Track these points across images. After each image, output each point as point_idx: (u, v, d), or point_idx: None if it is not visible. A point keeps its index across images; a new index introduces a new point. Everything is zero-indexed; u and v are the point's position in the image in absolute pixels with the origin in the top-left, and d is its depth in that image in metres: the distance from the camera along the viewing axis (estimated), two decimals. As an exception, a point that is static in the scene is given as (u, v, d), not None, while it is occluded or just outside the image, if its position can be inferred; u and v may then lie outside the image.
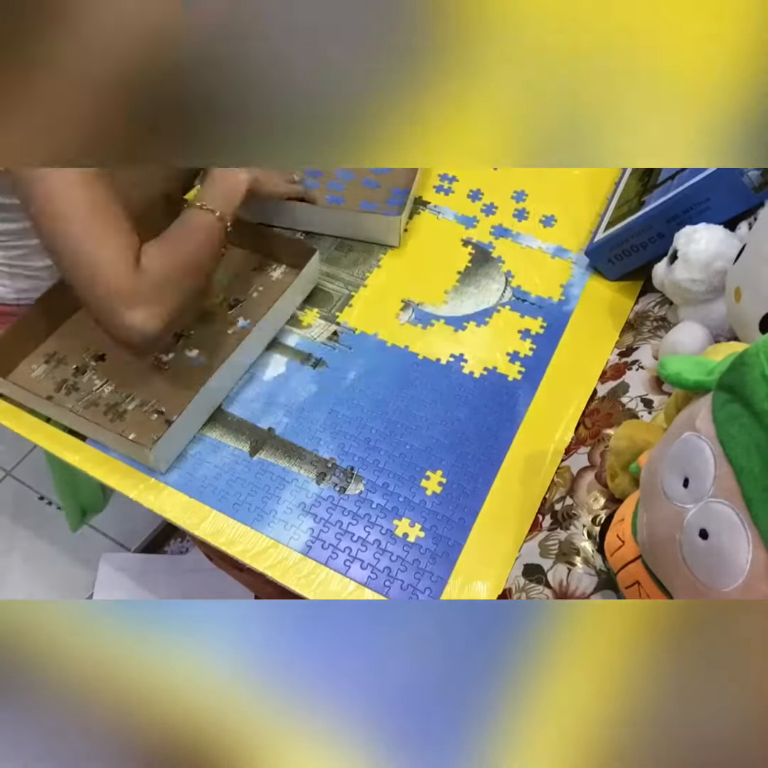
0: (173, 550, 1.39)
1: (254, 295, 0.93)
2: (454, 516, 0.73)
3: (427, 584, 0.69)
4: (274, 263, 0.96)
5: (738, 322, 0.67)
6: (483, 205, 1.04)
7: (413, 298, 0.93)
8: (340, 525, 0.73)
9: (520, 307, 0.92)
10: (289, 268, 0.95)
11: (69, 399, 0.81)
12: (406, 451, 0.78)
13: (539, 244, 0.99)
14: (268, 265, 0.96)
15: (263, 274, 0.95)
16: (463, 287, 0.94)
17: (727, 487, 0.39)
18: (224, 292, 0.93)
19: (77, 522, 1.30)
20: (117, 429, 0.77)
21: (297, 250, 0.92)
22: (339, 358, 0.87)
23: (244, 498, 0.75)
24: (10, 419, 0.81)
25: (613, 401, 0.77)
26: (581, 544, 0.65)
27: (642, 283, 0.93)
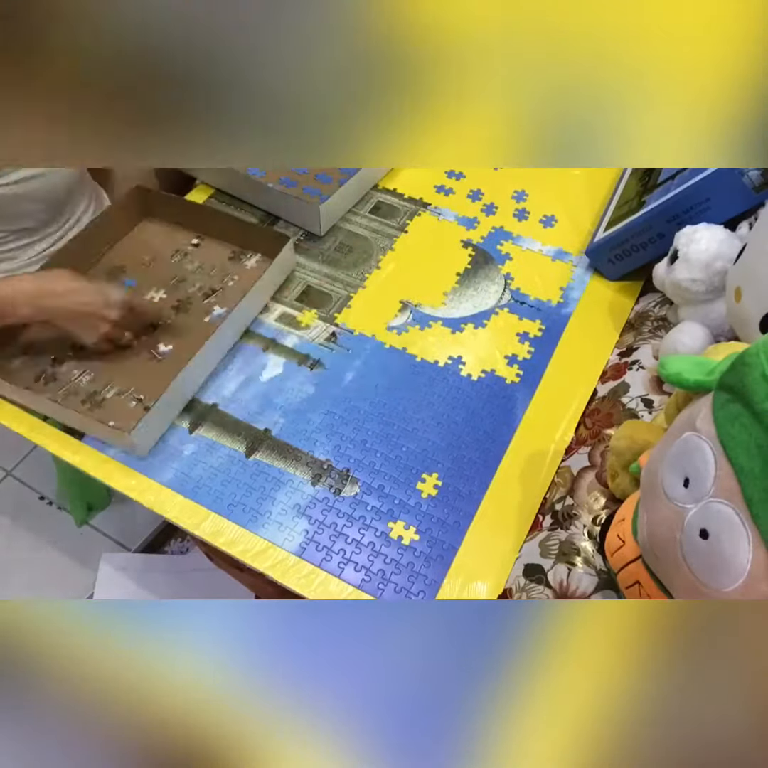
0: (173, 550, 1.39)
1: (230, 284, 0.94)
2: (449, 519, 0.73)
3: (420, 587, 0.69)
4: (249, 252, 0.98)
5: (738, 322, 0.67)
6: (483, 205, 1.04)
7: (411, 299, 0.93)
8: (335, 527, 0.73)
9: (518, 310, 0.92)
10: (264, 257, 0.97)
11: (48, 389, 0.82)
12: (402, 454, 0.78)
13: (539, 246, 0.99)
14: (243, 254, 0.98)
15: (238, 264, 0.97)
16: (463, 289, 0.94)
17: (727, 487, 0.39)
18: (200, 281, 0.94)
19: (82, 516, 1.30)
20: (96, 416, 0.78)
21: (271, 239, 0.93)
22: (337, 359, 0.87)
23: (239, 499, 0.75)
24: (10, 419, 0.81)
25: (614, 401, 0.77)
26: (581, 544, 0.65)
27: (642, 283, 0.93)
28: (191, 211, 0.99)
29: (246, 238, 0.97)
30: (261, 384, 0.84)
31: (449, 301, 0.93)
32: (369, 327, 0.90)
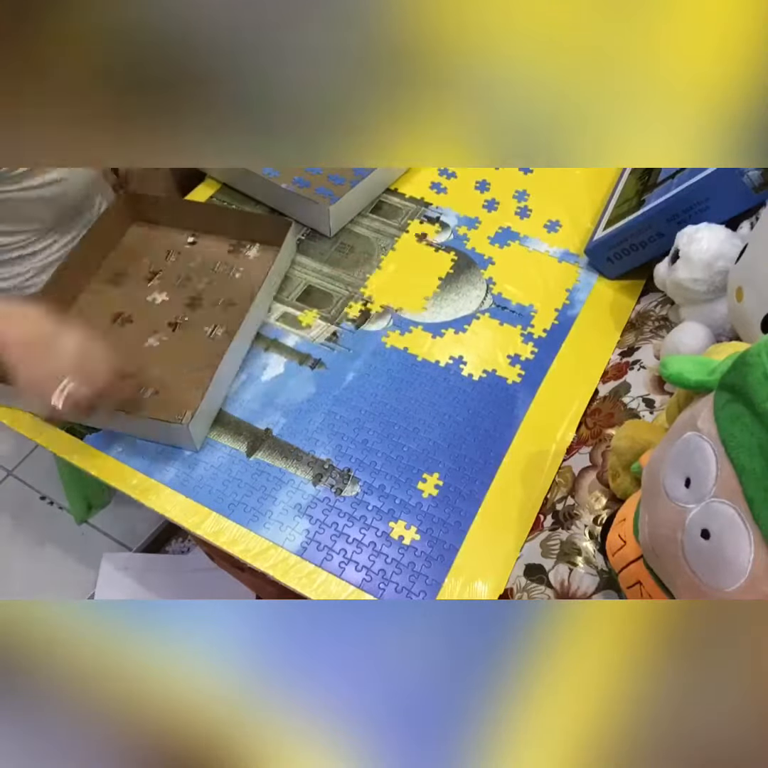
0: (174, 550, 1.39)
1: (237, 276, 0.95)
2: (450, 519, 0.73)
3: (421, 587, 0.69)
4: (248, 243, 0.98)
5: (740, 322, 0.67)
6: (485, 201, 1.04)
7: (392, 304, 0.92)
8: (336, 527, 0.73)
9: (499, 315, 0.91)
10: (265, 245, 0.97)
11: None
12: (403, 453, 0.78)
13: (546, 247, 0.98)
14: (242, 245, 0.98)
15: (240, 255, 0.97)
16: (444, 294, 0.94)
17: (728, 487, 0.39)
18: (207, 277, 0.95)
19: (83, 514, 1.30)
20: (145, 415, 0.78)
21: (270, 227, 0.94)
22: (338, 359, 0.87)
23: (240, 498, 0.75)
24: (11, 419, 0.81)
25: (615, 401, 0.77)
26: (583, 544, 0.65)
27: (644, 283, 0.92)
28: (182, 210, 0.99)
29: (243, 230, 0.97)
30: (262, 384, 0.84)
31: (430, 306, 0.92)
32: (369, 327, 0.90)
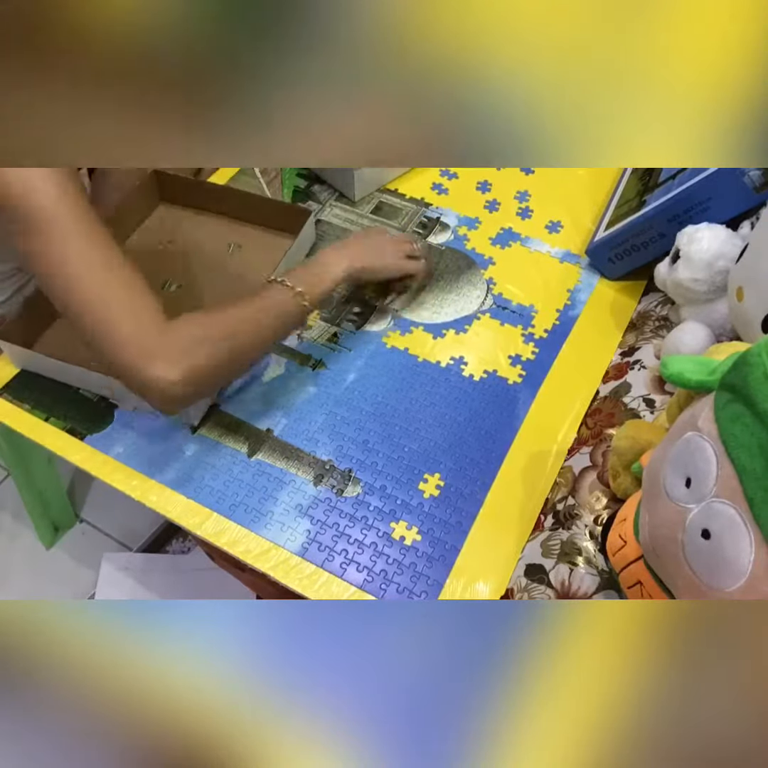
0: (175, 550, 1.39)
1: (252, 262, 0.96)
2: (451, 519, 0.73)
3: (423, 588, 0.69)
4: (266, 229, 1.00)
5: (740, 322, 0.67)
6: (486, 201, 1.04)
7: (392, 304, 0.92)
8: (337, 527, 0.73)
9: (500, 315, 0.91)
10: (285, 233, 0.98)
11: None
12: (404, 454, 0.78)
13: (548, 248, 0.98)
14: (267, 231, 1.00)
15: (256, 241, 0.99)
16: (444, 294, 0.94)
17: (729, 487, 0.39)
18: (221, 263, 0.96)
19: (50, 538, 1.32)
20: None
21: (290, 214, 0.95)
22: (338, 359, 0.86)
23: (241, 499, 0.75)
24: (11, 419, 0.81)
25: (615, 401, 0.77)
26: (583, 544, 0.65)
27: (645, 283, 0.92)
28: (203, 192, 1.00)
29: (263, 216, 0.98)
30: (263, 384, 0.84)
31: (431, 306, 0.92)
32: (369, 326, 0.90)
